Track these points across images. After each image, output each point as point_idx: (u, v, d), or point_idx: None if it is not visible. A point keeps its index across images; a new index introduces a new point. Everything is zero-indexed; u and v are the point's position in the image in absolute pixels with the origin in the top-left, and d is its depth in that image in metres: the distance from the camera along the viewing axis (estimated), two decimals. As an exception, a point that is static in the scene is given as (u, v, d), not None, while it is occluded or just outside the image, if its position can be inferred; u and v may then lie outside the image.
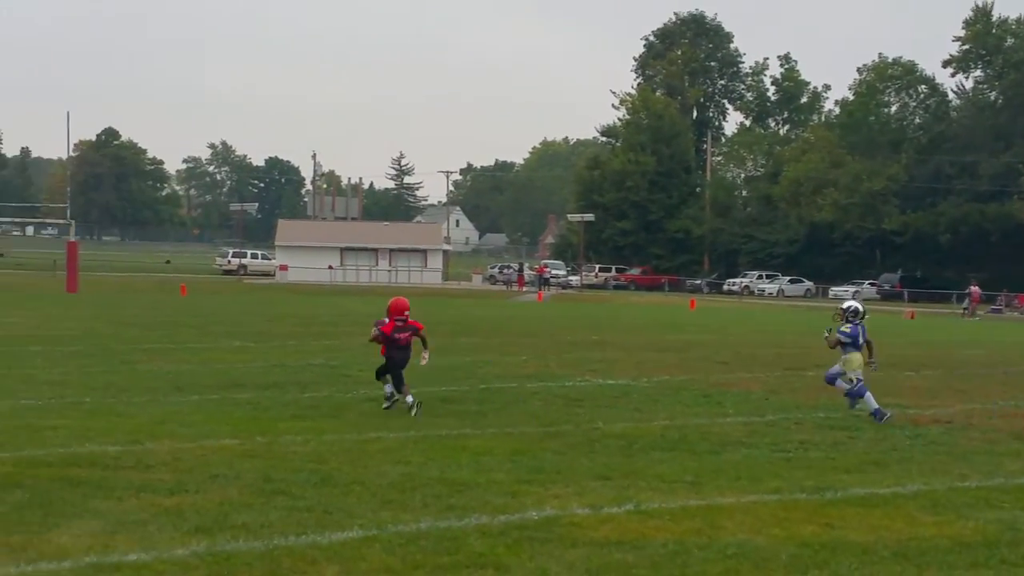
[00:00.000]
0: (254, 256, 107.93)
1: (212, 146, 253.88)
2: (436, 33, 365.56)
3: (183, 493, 11.99)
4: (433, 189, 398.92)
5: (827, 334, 20.47)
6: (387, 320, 19.05)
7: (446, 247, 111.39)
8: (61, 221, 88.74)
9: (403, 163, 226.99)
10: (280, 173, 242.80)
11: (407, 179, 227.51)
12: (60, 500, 11.50)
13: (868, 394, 19.57)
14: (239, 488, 12.34)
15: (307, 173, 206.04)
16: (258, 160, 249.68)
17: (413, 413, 18.18)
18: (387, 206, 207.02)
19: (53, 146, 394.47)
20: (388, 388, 19.04)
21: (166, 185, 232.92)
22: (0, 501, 11.38)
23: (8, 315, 41.19)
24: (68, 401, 18.83)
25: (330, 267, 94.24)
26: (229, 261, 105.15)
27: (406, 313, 19.07)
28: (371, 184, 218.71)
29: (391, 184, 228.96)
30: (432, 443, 15.60)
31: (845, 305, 20.57)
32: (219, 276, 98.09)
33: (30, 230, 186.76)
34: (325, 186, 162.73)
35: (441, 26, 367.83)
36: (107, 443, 14.78)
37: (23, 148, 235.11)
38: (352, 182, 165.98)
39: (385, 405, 18.98)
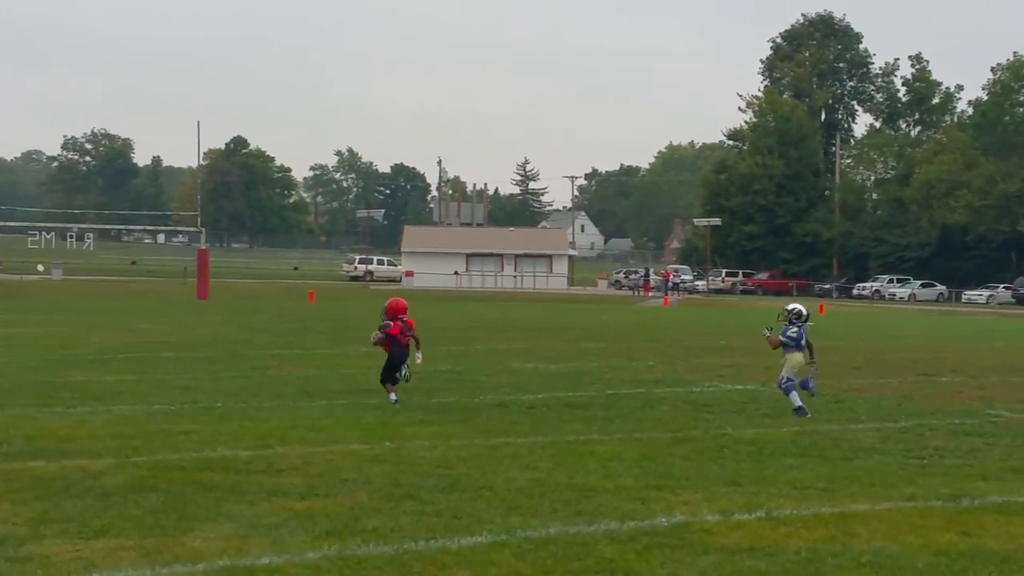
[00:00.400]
0: (380, 262, 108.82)
1: (339, 153, 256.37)
2: (560, 38, 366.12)
3: (314, 497, 12.07)
4: (558, 194, 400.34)
5: (768, 333, 20.72)
6: (391, 322, 20.24)
7: (571, 252, 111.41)
8: (192, 229, 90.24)
9: (528, 168, 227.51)
10: (406, 179, 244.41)
11: (532, 184, 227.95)
12: (194, 504, 11.64)
13: (794, 393, 19.84)
14: (369, 492, 12.38)
15: (433, 179, 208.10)
16: (384, 167, 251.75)
17: (395, 402, 19.61)
18: (512, 211, 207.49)
19: (184, 155, 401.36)
20: (393, 396, 19.85)
21: (294, 192, 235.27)
22: (135, 504, 11.55)
23: (141, 321, 41.95)
24: (200, 406, 19.09)
25: (456, 273, 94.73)
26: (356, 267, 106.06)
27: (404, 315, 20.43)
28: (496, 190, 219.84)
29: (516, 189, 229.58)
30: (560, 448, 15.55)
31: (789, 307, 20.72)
32: (346, 282, 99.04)
33: (161, 238, 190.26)
34: (451, 192, 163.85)
35: (565, 31, 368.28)
36: (239, 447, 14.94)
37: (154, 157, 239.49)
38: (477, 188, 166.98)
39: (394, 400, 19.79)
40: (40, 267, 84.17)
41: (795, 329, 20.00)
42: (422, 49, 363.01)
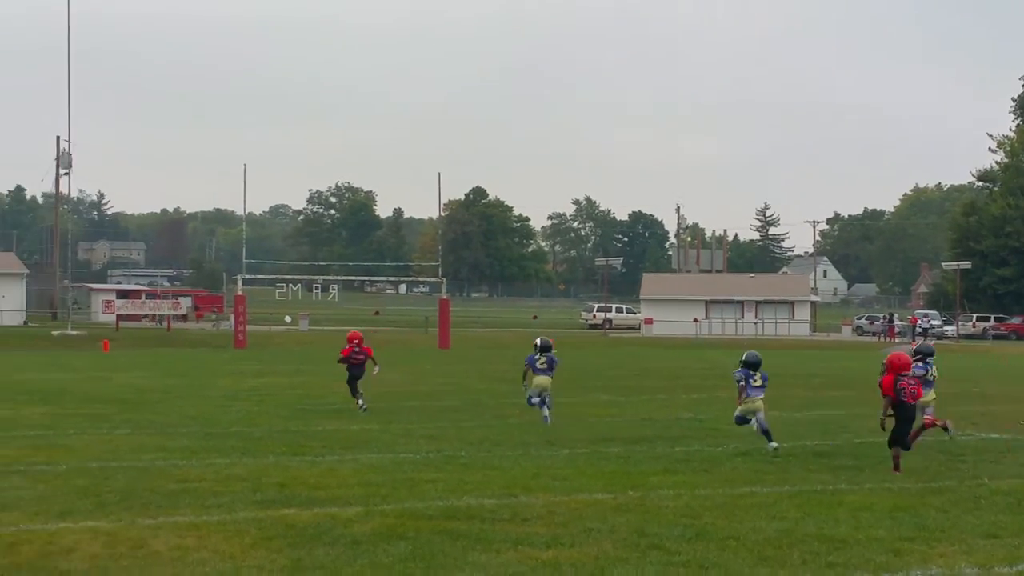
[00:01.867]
0: (619, 310, 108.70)
1: (576, 202, 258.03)
2: (799, 82, 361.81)
3: (559, 547, 12.03)
4: (799, 239, 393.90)
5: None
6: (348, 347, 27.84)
7: (813, 298, 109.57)
8: (433, 279, 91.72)
9: (768, 214, 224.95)
10: (644, 227, 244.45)
11: (772, 230, 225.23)
12: (441, 552, 11.72)
13: (545, 409, 25.10)
14: (613, 542, 12.30)
15: (671, 226, 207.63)
16: (622, 215, 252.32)
17: (363, 409, 26.71)
18: (752, 257, 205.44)
19: (424, 206, 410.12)
20: (361, 402, 27.19)
21: (532, 241, 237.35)
22: (384, 553, 11.68)
23: (385, 371, 42.66)
24: (445, 455, 19.29)
25: (695, 320, 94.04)
26: (594, 315, 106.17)
27: (356, 341, 27.99)
28: (735, 236, 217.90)
29: (756, 235, 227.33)
30: (807, 498, 15.22)
31: (536, 341, 25.75)
32: (585, 331, 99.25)
33: (403, 288, 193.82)
34: (689, 239, 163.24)
35: (804, 75, 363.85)
36: (483, 496, 15.02)
37: (396, 209, 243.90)
38: (716, 234, 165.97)
39: (362, 407, 26.87)
40: (287, 318, 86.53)
41: (530, 356, 25.25)
42: (658, 98, 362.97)
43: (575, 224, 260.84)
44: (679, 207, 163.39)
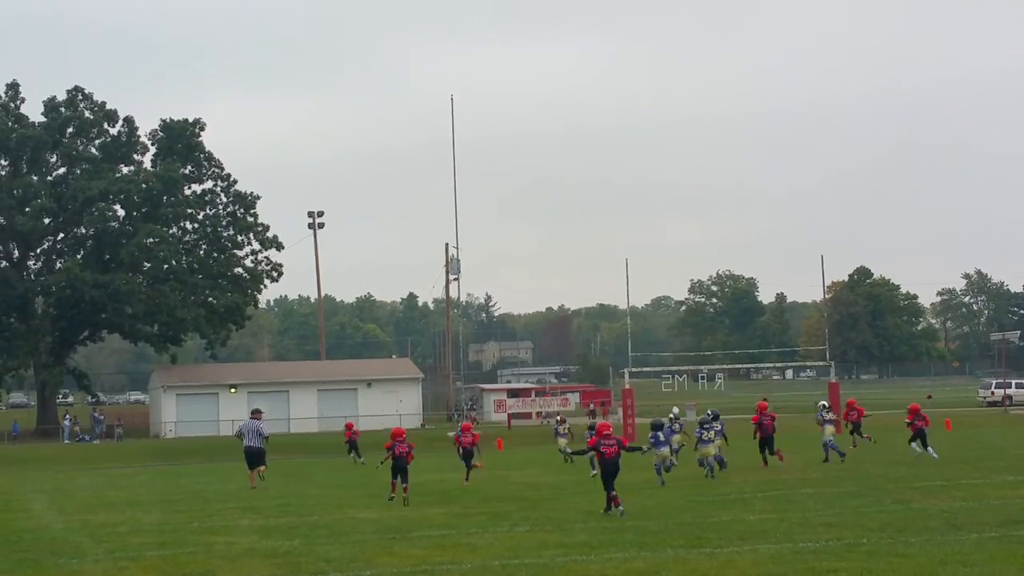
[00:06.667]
0: (1019, 386, 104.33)
1: (966, 276, 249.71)
2: None
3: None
4: None
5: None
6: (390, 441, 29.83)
7: None
8: (820, 363, 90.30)
9: None
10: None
11: None
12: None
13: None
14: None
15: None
16: (1016, 286, 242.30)
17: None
18: None
19: (807, 290, 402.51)
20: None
21: (921, 319, 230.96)
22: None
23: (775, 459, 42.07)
24: (846, 543, 18.88)
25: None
26: (992, 392, 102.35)
27: (403, 437, 29.57)
28: None
29: None
30: None
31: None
32: (983, 408, 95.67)
33: (788, 373, 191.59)
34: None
35: None
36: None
37: (778, 294, 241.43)
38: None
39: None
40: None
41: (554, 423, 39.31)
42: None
43: (966, 299, 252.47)
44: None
